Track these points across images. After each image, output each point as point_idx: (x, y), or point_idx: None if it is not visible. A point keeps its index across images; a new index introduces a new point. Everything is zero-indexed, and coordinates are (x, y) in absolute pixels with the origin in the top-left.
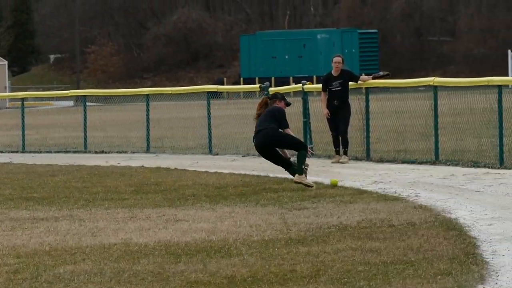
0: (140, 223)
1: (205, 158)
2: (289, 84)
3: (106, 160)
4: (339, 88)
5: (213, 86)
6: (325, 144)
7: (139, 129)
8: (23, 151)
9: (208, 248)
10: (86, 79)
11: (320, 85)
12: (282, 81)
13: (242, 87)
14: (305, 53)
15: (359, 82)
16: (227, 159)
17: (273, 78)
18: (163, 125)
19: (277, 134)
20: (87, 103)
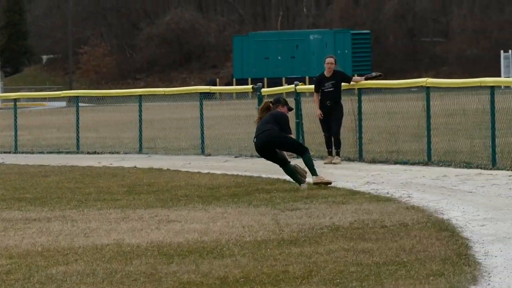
0: (133, 224)
1: (197, 159)
2: (281, 85)
3: (99, 161)
4: (331, 89)
5: (206, 87)
6: (317, 145)
7: (131, 130)
8: (15, 152)
9: (200, 248)
10: (79, 80)
11: (312, 86)
12: (274, 81)
13: (234, 88)
14: (297, 53)
15: (351, 83)
16: (219, 160)
17: (265, 79)
18: (155, 126)
19: (280, 135)
20: (80, 104)
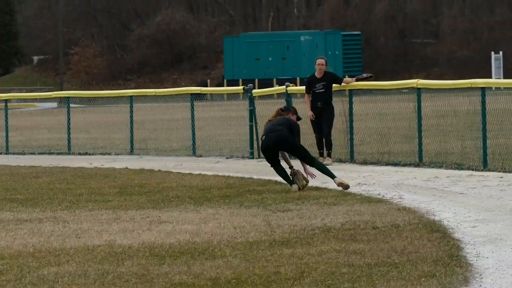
0: (124, 225)
1: (188, 160)
2: (272, 86)
3: (90, 162)
4: (322, 90)
5: (197, 87)
6: (308, 146)
7: (122, 131)
8: (6, 153)
9: (192, 249)
10: (70, 81)
11: (303, 87)
12: (265, 82)
13: (225, 89)
14: (288, 55)
15: (342, 84)
16: (211, 161)
17: (256, 80)
18: (146, 127)
19: (292, 138)
20: (71, 105)
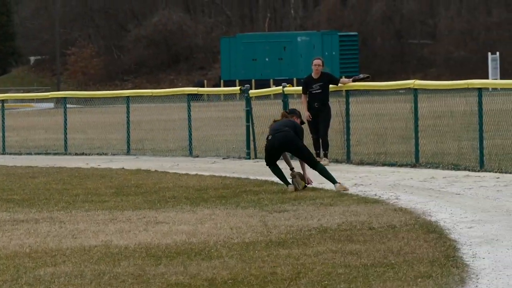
0: (121, 225)
1: (185, 160)
2: (269, 87)
3: (87, 162)
4: (319, 90)
5: (194, 88)
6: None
7: (119, 131)
8: (3, 153)
9: (188, 250)
10: (67, 81)
11: (300, 88)
12: (262, 83)
13: (222, 89)
14: (285, 55)
15: (339, 84)
16: (207, 162)
17: (253, 80)
18: (143, 127)
19: (298, 141)
20: (68, 105)
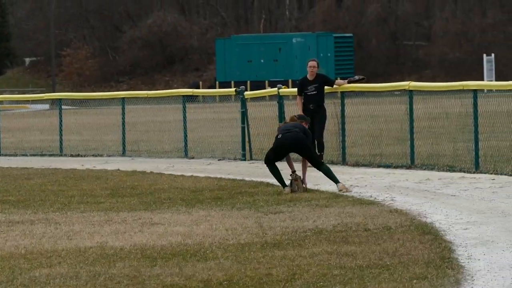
0: (116, 227)
1: (180, 162)
2: (264, 88)
3: (82, 164)
4: (314, 92)
5: (189, 89)
6: None
7: (115, 133)
8: None
9: (183, 251)
10: (62, 83)
11: (295, 89)
12: (257, 85)
13: (217, 90)
14: (280, 57)
15: (334, 86)
16: (202, 163)
17: (248, 82)
18: (138, 129)
19: (308, 142)
20: (63, 107)
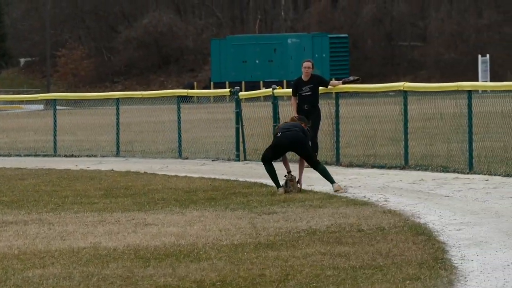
0: (109, 227)
1: (174, 162)
2: (259, 89)
3: (76, 164)
4: (309, 92)
5: (184, 90)
6: None
7: (109, 133)
8: None
9: (177, 252)
10: (57, 83)
11: (290, 90)
12: (252, 85)
13: (212, 91)
14: (275, 57)
15: (329, 86)
16: (196, 163)
17: (243, 82)
18: (133, 129)
19: (306, 141)
20: (57, 107)
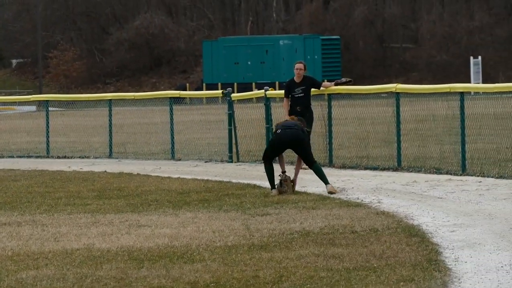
0: (103, 229)
1: (167, 164)
2: (251, 90)
3: (69, 165)
4: (301, 94)
5: (176, 91)
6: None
7: (101, 134)
8: None
9: (170, 253)
10: (49, 84)
11: (282, 91)
12: (244, 87)
13: (204, 92)
14: (267, 59)
15: (321, 88)
16: (189, 165)
17: (235, 84)
18: (125, 131)
19: (306, 141)
20: (50, 108)
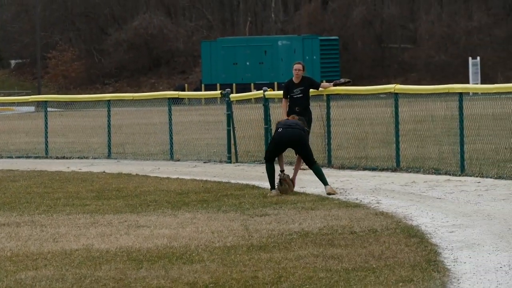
0: (102, 229)
1: (166, 164)
2: (250, 91)
3: (68, 166)
4: (300, 95)
5: (175, 92)
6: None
7: (100, 135)
8: None
9: (169, 254)
10: (47, 85)
11: (281, 92)
12: (243, 87)
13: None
14: (266, 59)
15: (320, 89)
16: (188, 165)
17: (234, 84)
18: (124, 131)
19: (306, 140)
20: (48, 109)
